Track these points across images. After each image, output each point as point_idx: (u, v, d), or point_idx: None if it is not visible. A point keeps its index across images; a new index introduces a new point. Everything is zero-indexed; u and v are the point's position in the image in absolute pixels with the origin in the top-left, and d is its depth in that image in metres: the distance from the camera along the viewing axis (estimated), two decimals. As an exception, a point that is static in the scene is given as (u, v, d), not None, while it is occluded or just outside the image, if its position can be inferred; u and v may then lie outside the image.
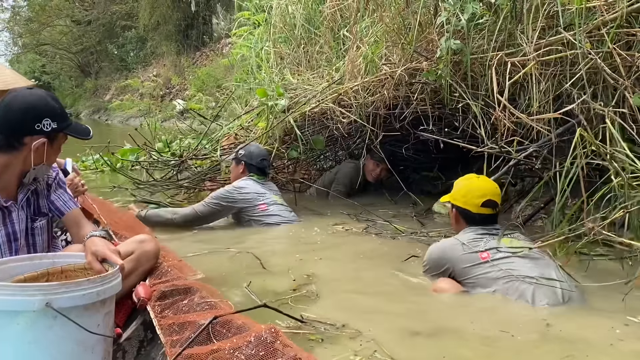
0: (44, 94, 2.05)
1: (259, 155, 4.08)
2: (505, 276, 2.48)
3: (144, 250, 2.32)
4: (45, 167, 2.12)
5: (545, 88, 3.35)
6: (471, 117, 3.77)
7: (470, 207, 2.71)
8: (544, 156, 3.39)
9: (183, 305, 1.98)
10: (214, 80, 15.92)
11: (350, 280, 2.91)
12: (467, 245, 2.62)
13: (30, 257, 1.96)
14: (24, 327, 1.57)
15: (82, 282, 1.64)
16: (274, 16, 5.44)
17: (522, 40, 3.35)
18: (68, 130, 2.06)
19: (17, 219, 2.13)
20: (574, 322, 2.25)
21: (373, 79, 4.05)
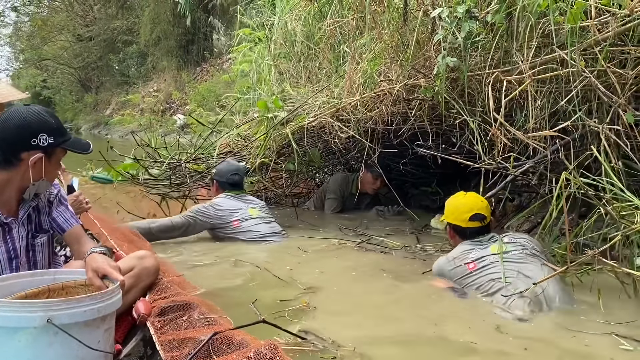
0: (40, 109, 2.05)
1: (228, 171, 4.15)
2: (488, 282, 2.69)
3: (144, 266, 2.32)
4: (45, 183, 2.11)
5: (541, 105, 3.41)
6: (468, 133, 3.82)
7: (460, 223, 2.98)
8: (540, 172, 3.43)
9: (183, 321, 1.99)
10: (214, 96, 16.01)
11: (345, 295, 2.95)
12: (457, 258, 2.88)
13: (32, 273, 1.97)
14: (25, 344, 1.58)
15: (83, 298, 1.65)
16: (274, 32, 5.51)
17: (518, 58, 3.41)
18: (65, 145, 2.06)
19: (17, 235, 2.12)
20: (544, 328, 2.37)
21: (371, 95, 4.10)
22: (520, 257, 2.77)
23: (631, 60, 3.19)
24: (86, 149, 2.16)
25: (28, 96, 4.07)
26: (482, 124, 3.71)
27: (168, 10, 20.09)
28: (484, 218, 2.96)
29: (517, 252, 2.80)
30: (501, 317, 2.51)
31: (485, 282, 2.71)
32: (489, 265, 2.77)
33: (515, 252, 2.80)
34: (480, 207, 2.99)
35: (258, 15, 6.46)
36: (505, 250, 2.79)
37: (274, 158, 4.48)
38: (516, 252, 2.80)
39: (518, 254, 2.78)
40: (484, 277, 2.73)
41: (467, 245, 2.94)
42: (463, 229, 2.98)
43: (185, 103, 18.62)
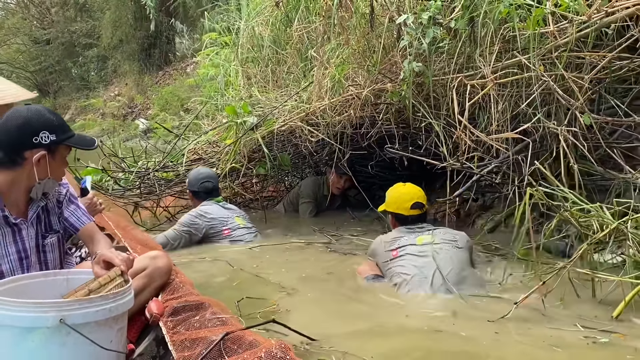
0: (40, 108, 2.06)
1: (198, 180, 4.18)
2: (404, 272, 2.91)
3: (157, 266, 2.34)
4: (51, 182, 2.10)
5: (503, 108, 3.54)
6: (434, 135, 3.93)
7: (402, 211, 3.20)
8: (503, 172, 3.57)
9: (195, 321, 2.00)
10: (177, 100, 15.86)
11: (320, 295, 3.01)
12: (387, 242, 3.12)
13: (45, 273, 1.97)
14: (38, 343, 1.59)
15: (95, 298, 1.66)
16: (241, 37, 5.54)
17: (481, 63, 3.54)
18: (68, 142, 2.05)
19: (27, 236, 2.12)
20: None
21: (340, 100, 4.18)
22: (445, 250, 2.97)
23: (587, 65, 3.36)
24: (90, 145, 2.16)
25: (36, 95, 4.04)
26: (447, 127, 3.83)
27: (129, 13, 19.77)
28: (422, 206, 3.22)
29: (443, 245, 2.99)
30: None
31: (400, 272, 2.94)
32: (407, 255, 2.99)
33: (440, 245, 2.99)
34: (420, 195, 3.25)
35: (224, 20, 6.47)
36: (432, 242, 3.01)
37: (245, 163, 4.50)
38: (442, 245, 3.00)
39: (443, 247, 2.98)
40: (400, 267, 2.96)
41: (399, 232, 3.16)
42: (405, 217, 3.19)
43: (147, 107, 18.36)
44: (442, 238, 3.04)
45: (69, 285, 1.93)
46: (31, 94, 3.87)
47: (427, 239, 3.03)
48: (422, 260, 2.93)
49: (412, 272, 2.90)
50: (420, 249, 2.99)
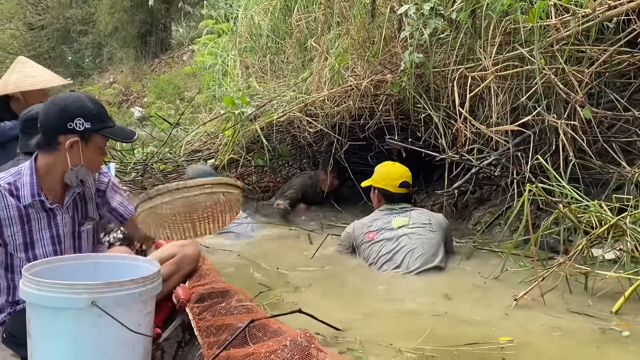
0: (82, 95, 2.12)
1: (195, 176, 4.13)
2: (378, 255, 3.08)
3: (185, 253, 2.39)
4: (84, 169, 2.10)
5: (503, 100, 3.53)
6: (433, 127, 3.92)
7: (389, 188, 3.33)
8: (502, 164, 3.56)
9: (221, 308, 2.05)
10: (173, 88, 15.77)
11: (321, 285, 3.00)
12: (365, 225, 3.25)
13: (75, 256, 2.01)
14: (70, 324, 1.64)
15: (126, 282, 1.70)
16: (239, 26, 5.49)
17: (481, 55, 3.53)
18: (104, 132, 2.07)
19: (61, 222, 2.15)
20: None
21: (339, 90, 4.15)
22: (417, 235, 3.10)
23: (587, 58, 3.35)
24: (129, 137, 2.18)
25: (70, 82, 4.10)
26: (446, 119, 3.82)
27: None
28: (409, 185, 3.37)
29: (416, 230, 3.13)
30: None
31: (374, 255, 3.10)
32: (383, 240, 3.13)
33: (413, 230, 3.13)
34: (407, 175, 3.38)
35: (222, 7, 6.41)
36: (407, 224, 3.15)
37: (243, 154, 4.48)
38: (415, 229, 3.13)
39: (416, 232, 3.11)
40: (374, 251, 3.12)
41: (378, 213, 3.31)
42: (392, 194, 3.32)
43: (143, 95, 18.25)
44: (416, 221, 3.19)
45: (99, 269, 1.97)
46: (64, 80, 3.94)
47: (402, 222, 3.19)
48: (395, 244, 3.09)
49: (385, 257, 3.07)
50: (394, 232, 3.14)
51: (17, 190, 2.05)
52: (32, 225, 2.08)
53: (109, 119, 2.13)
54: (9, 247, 2.06)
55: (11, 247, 2.06)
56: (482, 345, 2.12)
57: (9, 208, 2.03)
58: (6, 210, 2.03)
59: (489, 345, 2.11)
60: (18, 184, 2.06)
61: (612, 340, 2.18)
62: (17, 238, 2.06)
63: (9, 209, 2.03)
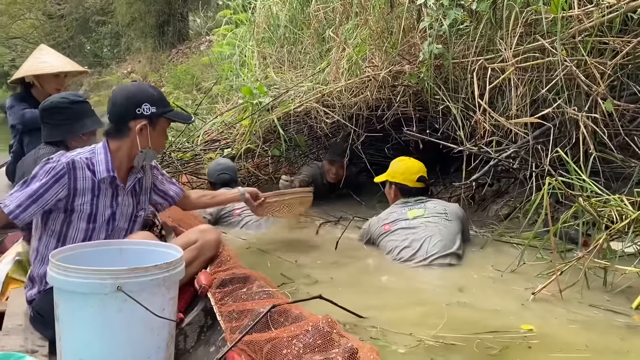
0: (144, 84, 2.35)
1: (216, 171, 4.17)
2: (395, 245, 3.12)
3: (206, 239, 2.45)
4: (152, 151, 2.27)
5: (523, 92, 3.50)
6: (451, 119, 3.90)
7: (408, 182, 3.37)
8: (521, 157, 3.53)
9: (242, 294, 2.08)
10: (191, 78, 15.82)
11: (340, 274, 3.02)
12: (381, 219, 3.31)
13: (97, 243, 2.05)
14: (96, 309, 1.67)
15: (150, 267, 1.72)
16: (257, 16, 5.48)
17: (502, 46, 3.49)
18: (167, 115, 2.24)
19: (121, 202, 2.28)
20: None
21: (356, 81, 4.14)
22: (433, 223, 3.13)
23: (609, 50, 3.30)
24: (187, 119, 2.45)
25: (86, 69, 4.19)
26: (465, 110, 3.79)
27: (144, -11, 19.70)
28: (426, 180, 3.41)
29: (432, 218, 3.16)
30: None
31: (392, 244, 3.15)
32: (398, 230, 3.18)
33: (429, 219, 3.16)
34: (424, 170, 3.42)
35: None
36: (423, 215, 3.19)
37: (260, 144, 4.49)
38: (432, 218, 3.17)
39: (432, 220, 3.15)
40: (391, 241, 3.16)
41: (393, 207, 3.36)
42: (409, 189, 3.37)
43: (161, 85, 18.34)
44: (432, 211, 3.22)
45: (122, 255, 2.01)
46: (78, 66, 4.02)
47: (418, 213, 3.23)
48: (412, 233, 3.12)
49: (402, 244, 3.11)
50: (411, 222, 3.19)
51: (93, 166, 2.19)
52: (99, 199, 2.21)
53: (168, 103, 2.30)
54: (75, 214, 2.18)
55: (76, 215, 2.18)
56: (503, 333, 2.12)
57: (85, 179, 2.17)
58: (83, 181, 2.16)
59: (510, 334, 2.11)
60: (93, 160, 2.20)
61: (636, 333, 2.16)
62: (85, 208, 2.18)
63: (85, 180, 2.17)
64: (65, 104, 2.82)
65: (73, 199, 2.15)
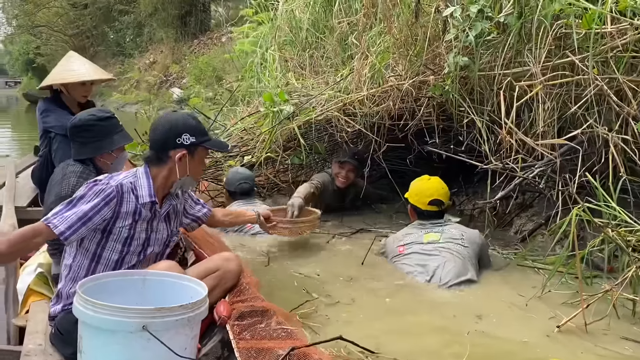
0: (185, 114, 2.40)
1: (236, 180, 4.14)
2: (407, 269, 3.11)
3: (228, 269, 2.48)
4: (190, 179, 2.34)
5: (550, 107, 3.40)
6: (475, 132, 3.81)
7: (420, 205, 3.32)
8: (548, 175, 3.44)
9: (260, 329, 2.09)
10: (212, 70, 15.83)
11: (356, 295, 2.97)
12: (397, 239, 3.30)
13: (123, 273, 2.07)
14: (121, 347, 1.70)
15: (176, 308, 1.74)
16: (279, 18, 5.41)
17: (529, 60, 3.39)
18: (206, 144, 2.32)
19: (156, 227, 2.33)
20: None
21: (379, 90, 4.07)
22: (447, 249, 3.08)
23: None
24: (225, 147, 2.58)
25: (113, 78, 4.24)
26: (490, 124, 3.70)
27: (166, -20, 19.74)
28: (441, 204, 3.31)
29: (447, 244, 3.10)
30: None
31: (404, 268, 3.14)
32: (412, 254, 3.15)
33: (444, 244, 3.11)
34: (441, 193, 3.32)
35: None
36: (437, 240, 3.14)
37: (281, 153, 4.45)
38: (446, 244, 3.11)
39: (446, 246, 3.10)
40: (405, 264, 3.15)
41: (411, 228, 3.33)
42: (422, 211, 3.32)
43: (182, 76, 18.40)
44: (448, 236, 3.16)
45: (146, 285, 2.03)
46: (106, 74, 4.04)
47: (433, 237, 3.18)
48: (425, 258, 3.09)
49: (415, 269, 3.09)
50: (424, 247, 3.15)
51: (136, 190, 2.24)
52: (137, 223, 2.25)
53: (207, 132, 2.36)
54: (112, 236, 2.21)
55: (113, 237, 2.21)
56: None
57: (129, 203, 2.21)
58: (127, 204, 2.21)
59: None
60: (136, 185, 2.25)
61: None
62: (123, 231, 2.22)
63: (129, 204, 2.21)
64: (93, 121, 2.82)
65: (115, 221, 2.19)
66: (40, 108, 3.94)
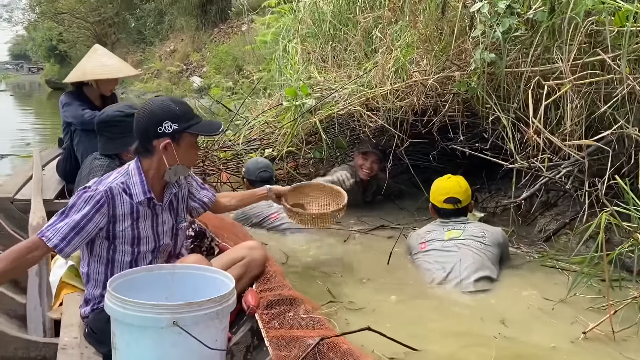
0: (165, 99, 2.22)
1: (256, 169, 4.12)
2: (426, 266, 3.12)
3: (254, 257, 2.48)
4: (181, 167, 2.23)
5: (578, 105, 3.32)
6: (501, 129, 3.76)
7: (436, 203, 3.35)
8: (575, 175, 3.38)
9: (289, 318, 2.12)
10: (232, 59, 15.82)
11: (384, 291, 2.98)
12: (419, 235, 3.32)
13: (149, 268, 2.09)
14: (152, 341, 1.74)
15: (204, 302, 1.76)
16: (302, 10, 5.36)
17: (558, 57, 3.32)
18: (190, 130, 2.16)
19: (161, 220, 2.27)
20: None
21: (403, 85, 4.02)
22: (466, 246, 3.06)
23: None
24: (215, 130, 2.28)
25: (140, 72, 4.30)
26: (516, 121, 3.64)
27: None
28: (457, 202, 3.29)
29: (467, 241, 3.09)
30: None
31: (424, 265, 3.14)
32: (432, 251, 3.16)
33: (464, 241, 3.09)
34: (457, 191, 3.30)
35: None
36: (459, 237, 3.13)
37: (303, 148, 4.43)
38: (467, 241, 3.10)
39: (466, 243, 3.09)
40: (424, 261, 3.15)
41: (433, 225, 3.34)
42: (438, 209, 3.35)
43: (202, 65, 18.43)
44: (469, 234, 3.15)
45: (175, 279, 2.04)
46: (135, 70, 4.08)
47: (455, 234, 3.18)
48: (444, 254, 3.09)
49: (434, 266, 3.08)
50: (445, 244, 3.15)
51: (129, 189, 2.17)
52: (139, 222, 2.20)
53: (193, 115, 2.21)
54: (118, 240, 2.18)
55: (120, 240, 2.18)
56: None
57: (124, 205, 2.15)
58: (121, 206, 2.15)
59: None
60: (129, 183, 2.18)
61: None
62: (127, 233, 2.17)
63: (124, 206, 2.15)
64: (121, 117, 2.84)
65: (114, 226, 2.14)
66: (62, 101, 4.00)
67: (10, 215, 3.55)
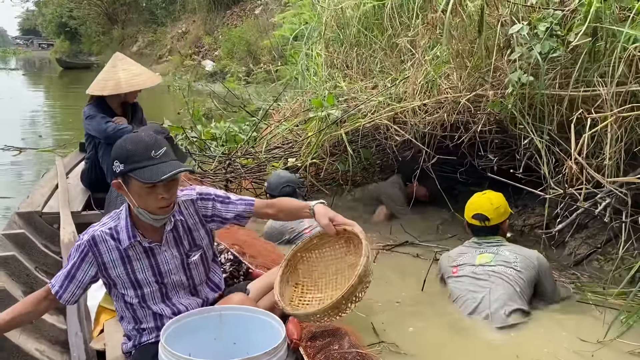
0: (128, 136, 2.04)
1: (279, 184, 4.05)
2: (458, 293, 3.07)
3: None
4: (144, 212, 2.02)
5: (619, 135, 3.22)
6: (533, 150, 3.66)
7: (467, 218, 3.30)
8: (613, 205, 3.29)
9: (334, 352, 2.09)
10: (245, 44, 15.66)
11: (413, 322, 2.94)
12: (451, 258, 3.26)
13: (200, 310, 2.05)
14: None
15: (261, 356, 1.73)
16: (326, 14, 5.22)
17: (598, 83, 3.21)
18: (132, 174, 1.94)
19: (162, 260, 2.15)
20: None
21: (433, 101, 3.92)
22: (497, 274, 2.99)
23: None
24: (155, 178, 1.93)
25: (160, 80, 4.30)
26: (550, 144, 3.55)
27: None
28: (485, 219, 3.19)
29: (498, 268, 3.02)
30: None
31: (455, 291, 3.10)
32: (463, 277, 3.10)
33: (495, 268, 3.02)
34: (486, 208, 3.21)
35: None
36: (489, 262, 3.06)
37: (327, 159, 4.35)
38: (498, 267, 3.02)
39: (496, 270, 3.01)
40: (456, 288, 3.11)
41: (466, 246, 3.27)
42: (468, 224, 3.31)
43: (214, 48, 18.26)
44: (500, 259, 3.07)
45: (222, 321, 2.01)
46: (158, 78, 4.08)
47: (486, 259, 3.11)
48: (475, 283, 3.04)
49: (465, 295, 3.03)
50: (476, 270, 3.08)
51: (117, 234, 2.09)
52: (134, 266, 2.12)
53: (147, 157, 1.94)
54: (118, 286, 2.14)
55: (120, 286, 2.14)
56: None
57: (110, 251, 2.09)
58: (108, 253, 2.09)
59: None
60: (118, 228, 2.10)
61: None
62: (123, 278, 2.12)
63: (111, 252, 2.09)
64: None
65: (107, 272, 2.11)
66: (85, 113, 3.99)
67: (39, 229, 3.58)
